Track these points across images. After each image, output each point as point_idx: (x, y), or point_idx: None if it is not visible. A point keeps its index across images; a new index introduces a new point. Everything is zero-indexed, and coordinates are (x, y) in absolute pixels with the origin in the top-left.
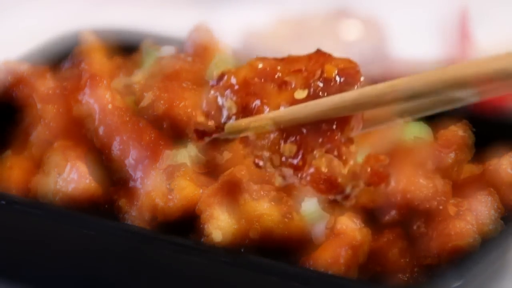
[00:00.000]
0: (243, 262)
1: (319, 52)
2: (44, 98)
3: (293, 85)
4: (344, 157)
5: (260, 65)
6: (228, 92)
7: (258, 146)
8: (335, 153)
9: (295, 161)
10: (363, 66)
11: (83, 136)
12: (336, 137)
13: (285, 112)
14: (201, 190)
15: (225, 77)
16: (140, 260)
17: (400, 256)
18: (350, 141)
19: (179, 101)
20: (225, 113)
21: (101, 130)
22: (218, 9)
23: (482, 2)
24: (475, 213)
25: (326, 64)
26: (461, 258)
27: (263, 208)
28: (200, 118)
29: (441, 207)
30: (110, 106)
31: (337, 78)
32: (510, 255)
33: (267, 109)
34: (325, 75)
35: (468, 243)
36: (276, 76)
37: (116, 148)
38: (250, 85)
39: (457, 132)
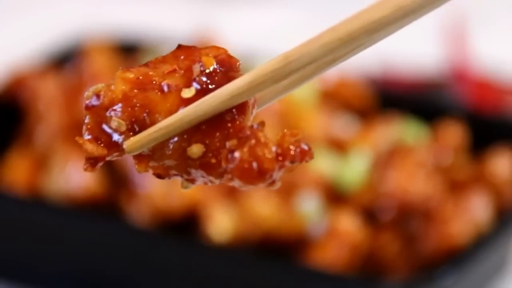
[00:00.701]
0: (243, 262)
1: (182, 47)
2: (46, 98)
3: (174, 86)
4: (263, 141)
5: (131, 75)
6: (110, 112)
7: (159, 156)
8: (252, 140)
9: (209, 161)
10: (363, 67)
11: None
12: (241, 124)
13: (181, 114)
14: (201, 191)
15: (101, 97)
16: (140, 260)
17: (398, 255)
18: (262, 124)
19: None
20: (115, 135)
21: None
22: (218, 8)
23: (482, 5)
24: (473, 213)
25: (202, 56)
26: (459, 257)
27: (263, 208)
28: (88, 147)
29: (439, 207)
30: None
31: (217, 68)
32: (508, 255)
33: (159, 117)
34: (205, 66)
35: (466, 243)
36: (153, 82)
37: None
38: (132, 98)
39: (456, 132)
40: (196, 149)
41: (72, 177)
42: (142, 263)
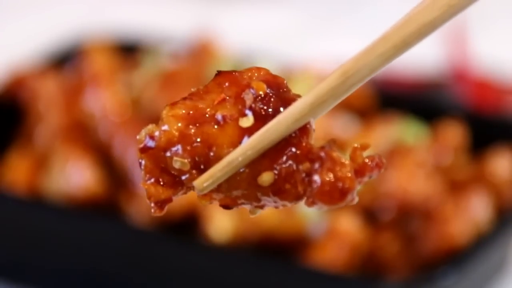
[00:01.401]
0: (243, 262)
1: (222, 74)
2: (46, 98)
3: (230, 117)
4: (339, 161)
5: (181, 112)
6: (170, 152)
7: (226, 188)
8: (328, 162)
9: (283, 186)
10: None
11: (84, 136)
12: (308, 145)
13: (246, 146)
14: None
15: (156, 138)
16: (140, 260)
17: (398, 255)
18: (333, 142)
19: None
20: (179, 174)
21: (101, 130)
22: (218, 9)
23: (482, 5)
24: (473, 213)
25: (251, 82)
26: (459, 257)
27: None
28: (152, 191)
29: (439, 207)
30: (110, 105)
31: (269, 91)
32: (508, 255)
33: (223, 150)
34: (258, 92)
35: (466, 243)
36: (206, 116)
37: (116, 147)
38: (190, 136)
39: (456, 132)
40: (266, 177)
41: (72, 177)
42: (142, 263)
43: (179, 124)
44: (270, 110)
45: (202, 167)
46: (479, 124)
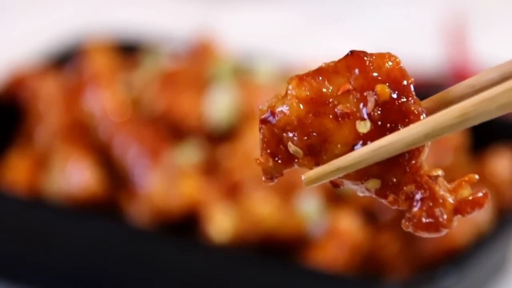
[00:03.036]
0: (243, 262)
1: (354, 55)
2: (46, 98)
3: (350, 115)
4: (439, 197)
5: (305, 94)
6: (287, 135)
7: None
8: (429, 200)
9: (386, 194)
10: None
11: (84, 136)
12: (417, 165)
13: (358, 156)
14: (201, 191)
15: (276, 116)
16: (140, 260)
17: (398, 255)
18: (437, 176)
19: (179, 101)
20: (294, 158)
21: (101, 130)
22: (219, 9)
23: (482, 4)
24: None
25: (375, 83)
26: (459, 257)
27: (263, 208)
28: (268, 162)
29: None
30: (110, 105)
31: (393, 96)
32: (508, 255)
33: (335, 147)
34: (380, 99)
35: (466, 243)
36: (328, 105)
37: (116, 147)
38: (308, 126)
39: (456, 132)
40: (372, 184)
41: (72, 177)
42: (142, 263)
43: (299, 111)
44: (387, 123)
45: (314, 154)
46: (479, 124)
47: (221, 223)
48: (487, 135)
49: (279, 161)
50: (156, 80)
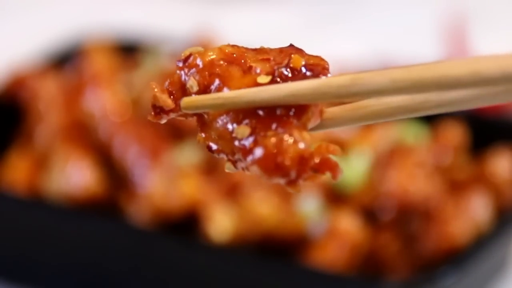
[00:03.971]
0: (243, 262)
1: (292, 47)
2: (46, 98)
3: (258, 71)
4: (293, 140)
5: (229, 49)
6: (192, 71)
7: (213, 127)
8: (286, 136)
9: (246, 144)
10: (362, 67)
11: (84, 136)
12: (291, 123)
13: (243, 92)
14: (201, 190)
15: (191, 57)
16: (140, 260)
17: (398, 255)
18: (303, 127)
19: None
20: (188, 94)
21: (101, 130)
22: (219, 9)
23: (482, 4)
24: (473, 213)
25: (294, 55)
26: (459, 257)
27: (263, 208)
28: (160, 94)
29: (439, 207)
30: (110, 105)
31: (303, 70)
32: (508, 255)
33: (227, 90)
34: (291, 64)
35: (466, 243)
36: (242, 61)
37: (116, 147)
38: (215, 66)
39: (456, 132)
40: (242, 130)
41: (72, 177)
42: (142, 263)
43: (215, 56)
44: (288, 81)
45: (207, 92)
46: (479, 124)
47: (221, 223)
48: (487, 135)
49: (171, 98)
50: (156, 80)
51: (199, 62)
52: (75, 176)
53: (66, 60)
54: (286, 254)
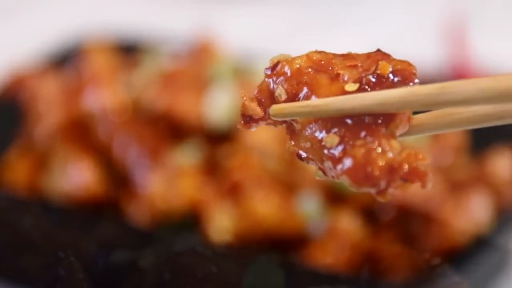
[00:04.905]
0: (243, 262)
1: (379, 52)
2: (46, 98)
3: (346, 78)
4: (382, 149)
5: (317, 56)
6: (280, 79)
7: (302, 136)
8: (375, 145)
9: (336, 153)
10: None
11: (84, 136)
12: (379, 131)
13: (331, 101)
14: (201, 191)
15: (279, 65)
16: (140, 260)
17: (398, 255)
18: (392, 135)
19: (179, 101)
20: (278, 103)
21: (102, 130)
22: (218, 9)
23: (482, 4)
24: (473, 213)
25: (382, 61)
26: (459, 257)
27: (264, 208)
28: (249, 102)
29: (439, 207)
30: (110, 105)
31: (391, 76)
32: (508, 255)
33: (315, 98)
34: (378, 71)
35: (466, 243)
36: (329, 68)
37: (116, 147)
38: (303, 74)
39: (456, 132)
40: (331, 138)
41: (73, 177)
42: (142, 263)
43: (303, 63)
44: (375, 88)
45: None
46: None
47: (221, 223)
48: (487, 135)
49: (261, 107)
50: (156, 80)
51: (287, 70)
52: (75, 176)
53: (66, 60)
54: (286, 254)
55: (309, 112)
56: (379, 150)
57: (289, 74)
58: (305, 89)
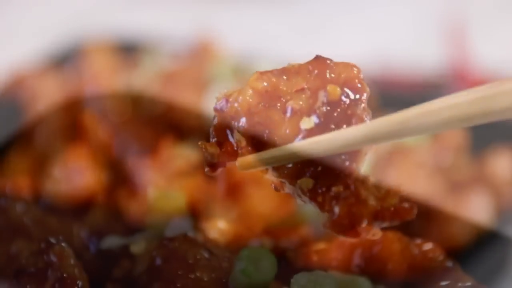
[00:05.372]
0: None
1: (318, 60)
2: (46, 98)
3: (298, 112)
4: (362, 199)
5: (261, 85)
6: (234, 123)
7: (274, 173)
8: (353, 198)
9: (316, 198)
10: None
11: (85, 136)
12: (352, 172)
13: (297, 148)
14: (201, 190)
15: (229, 104)
16: (140, 260)
17: (398, 255)
18: (367, 179)
19: (178, 101)
20: (237, 146)
21: (102, 130)
22: (218, 9)
23: (483, 5)
24: (473, 213)
25: (328, 84)
26: (459, 257)
27: (263, 208)
28: (211, 149)
29: (439, 207)
30: (110, 105)
31: (343, 98)
32: (508, 255)
33: (276, 140)
34: (329, 97)
35: (466, 243)
36: (281, 99)
37: (117, 147)
38: (255, 115)
39: (456, 132)
40: (305, 183)
41: (72, 177)
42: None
43: (251, 100)
44: (331, 123)
45: (255, 145)
46: (479, 124)
47: (221, 223)
48: (487, 135)
49: (223, 152)
50: (156, 80)
51: (236, 105)
52: (75, 176)
53: (66, 60)
54: (286, 254)
55: (274, 161)
56: (360, 203)
57: (240, 115)
58: (262, 131)
